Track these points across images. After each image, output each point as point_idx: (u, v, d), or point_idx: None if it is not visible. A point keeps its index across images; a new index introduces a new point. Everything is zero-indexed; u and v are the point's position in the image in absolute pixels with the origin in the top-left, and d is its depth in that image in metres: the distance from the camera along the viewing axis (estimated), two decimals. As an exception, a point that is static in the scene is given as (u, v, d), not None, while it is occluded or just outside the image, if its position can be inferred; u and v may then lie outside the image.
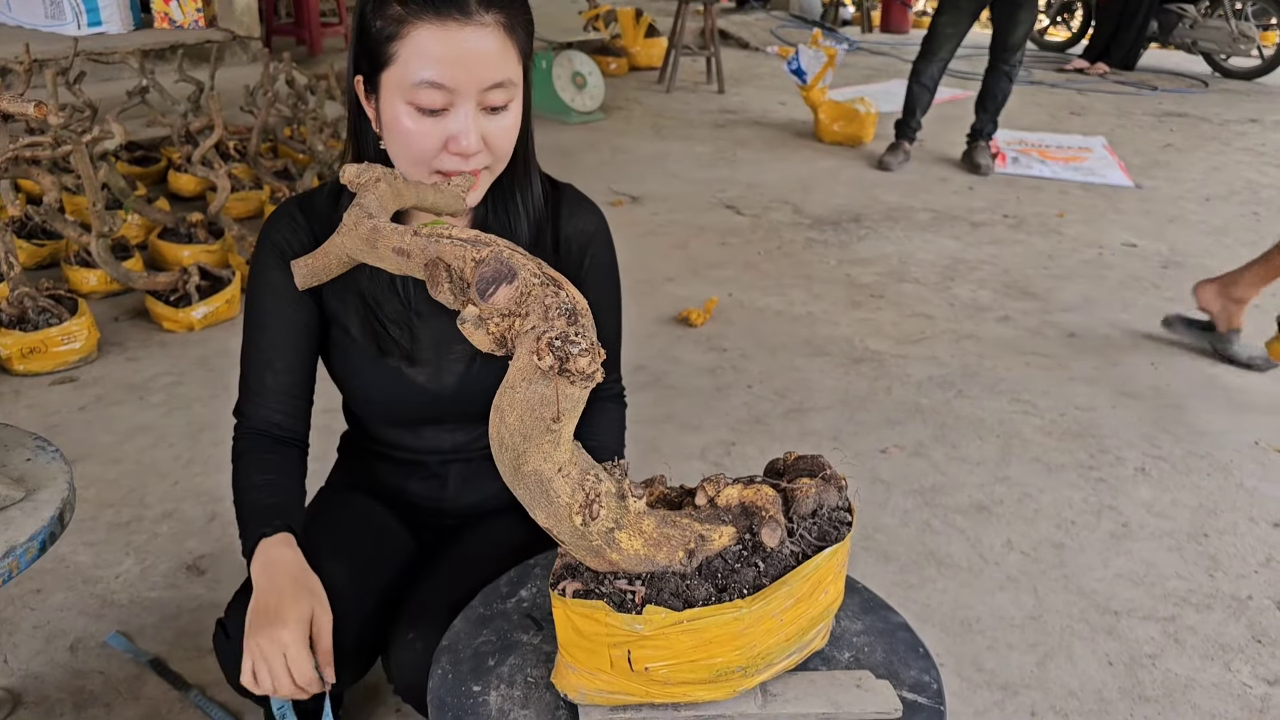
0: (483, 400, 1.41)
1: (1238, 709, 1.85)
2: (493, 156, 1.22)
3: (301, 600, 1.20)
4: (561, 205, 1.41)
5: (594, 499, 0.93)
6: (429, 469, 1.51)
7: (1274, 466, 2.65)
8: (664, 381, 3.02)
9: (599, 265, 1.44)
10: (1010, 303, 3.69)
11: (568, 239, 1.41)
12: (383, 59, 1.17)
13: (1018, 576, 2.20)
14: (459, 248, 0.93)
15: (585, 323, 0.86)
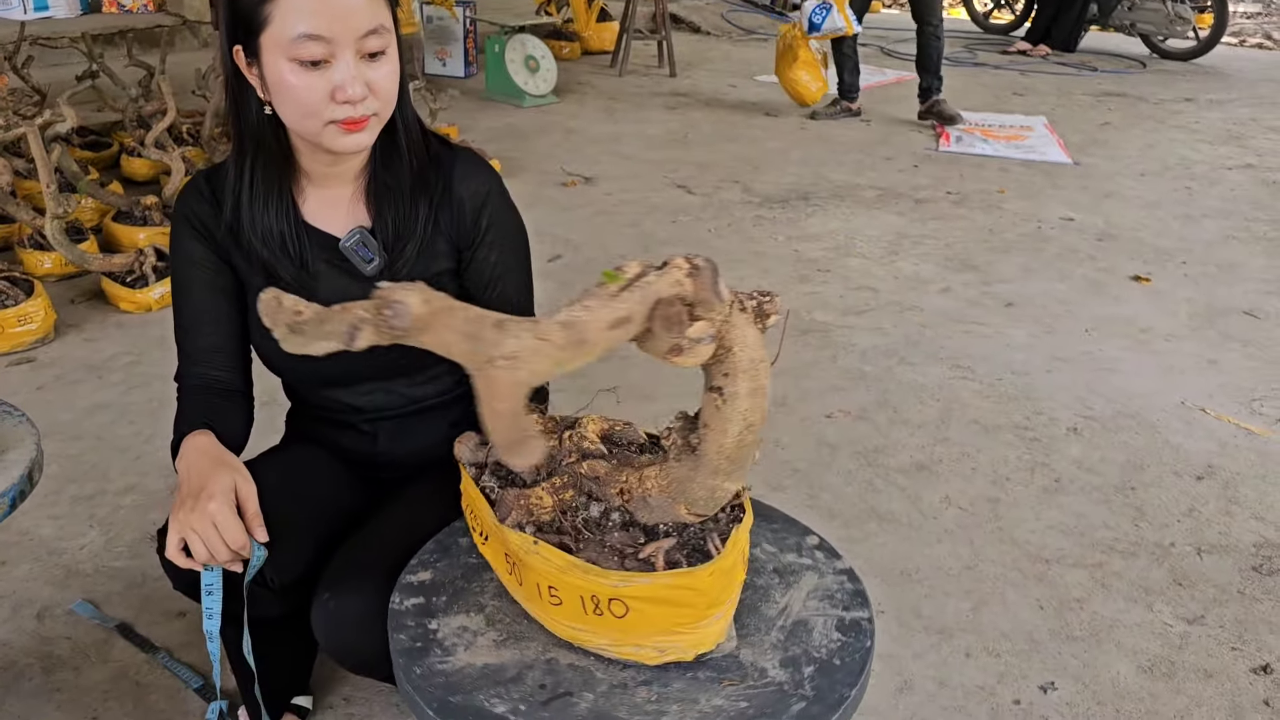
0: (390, 360, 1.48)
1: (1159, 645, 1.97)
2: (379, 101, 1.29)
3: (222, 474, 1.26)
4: (455, 167, 1.46)
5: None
6: (358, 428, 1.58)
7: (1199, 424, 2.78)
8: (618, 353, 3.08)
9: (497, 225, 1.48)
10: (951, 275, 3.81)
11: (460, 200, 1.45)
12: (258, 22, 1.24)
13: (955, 530, 2.31)
14: (665, 278, 0.96)
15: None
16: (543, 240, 4.04)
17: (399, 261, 1.45)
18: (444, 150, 1.49)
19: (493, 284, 1.53)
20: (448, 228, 1.48)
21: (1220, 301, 3.62)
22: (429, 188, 1.46)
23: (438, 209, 1.46)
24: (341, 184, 1.45)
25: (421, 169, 1.45)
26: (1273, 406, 2.90)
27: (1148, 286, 3.75)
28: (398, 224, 1.45)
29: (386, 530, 1.44)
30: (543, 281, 3.84)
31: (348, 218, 1.46)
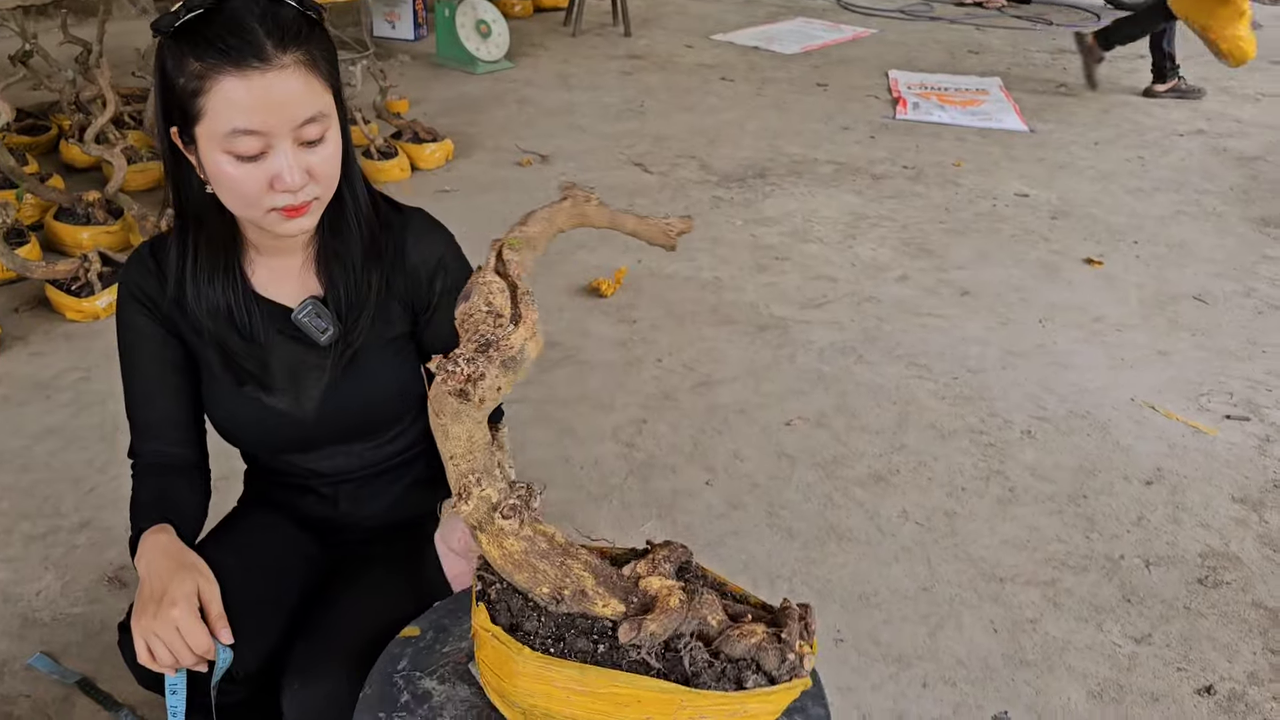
0: (349, 425, 1.48)
1: (1108, 668, 2.04)
2: (320, 186, 1.26)
3: (183, 577, 1.25)
4: (408, 233, 1.43)
5: (465, 494, 1.01)
6: (318, 492, 1.57)
7: (1148, 423, 2.84)
8: (577, 358, 3.08)
9: (453, 289, 1.45)
10: (908, 261, 3.83)
11: (414, 267, 1.43)
12: (192, 113, 1.20)
13: (912, 547, 2.35)
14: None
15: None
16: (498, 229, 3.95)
17: (354, 330, 1.43)
18: (394, 215, 1.47)
19: (450, 344, 1.51)
20: (402, 293, 1.46)
21: (1170, 286, 3.67)
22: (380, 254, 1.43)
23: (390, 275, 1.44)
24: (290, 254, 1.42)
25: (373, 236, 1.43)
26: (1219, 401, 2.97)
27: (1100, 270, 3.79)
28: (350, 292, 1.42)
29: (354, 610, 1.44)
30: (499, 270, 3.82)
31: (299, 287, 1.43)
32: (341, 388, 1.44)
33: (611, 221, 1.22)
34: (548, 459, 2.61)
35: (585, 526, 2.35)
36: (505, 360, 0.98)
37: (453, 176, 4.53)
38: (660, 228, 1.27)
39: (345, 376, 1.44)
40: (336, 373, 1.43)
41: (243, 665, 1.34)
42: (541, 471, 2.56)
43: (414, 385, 1.53)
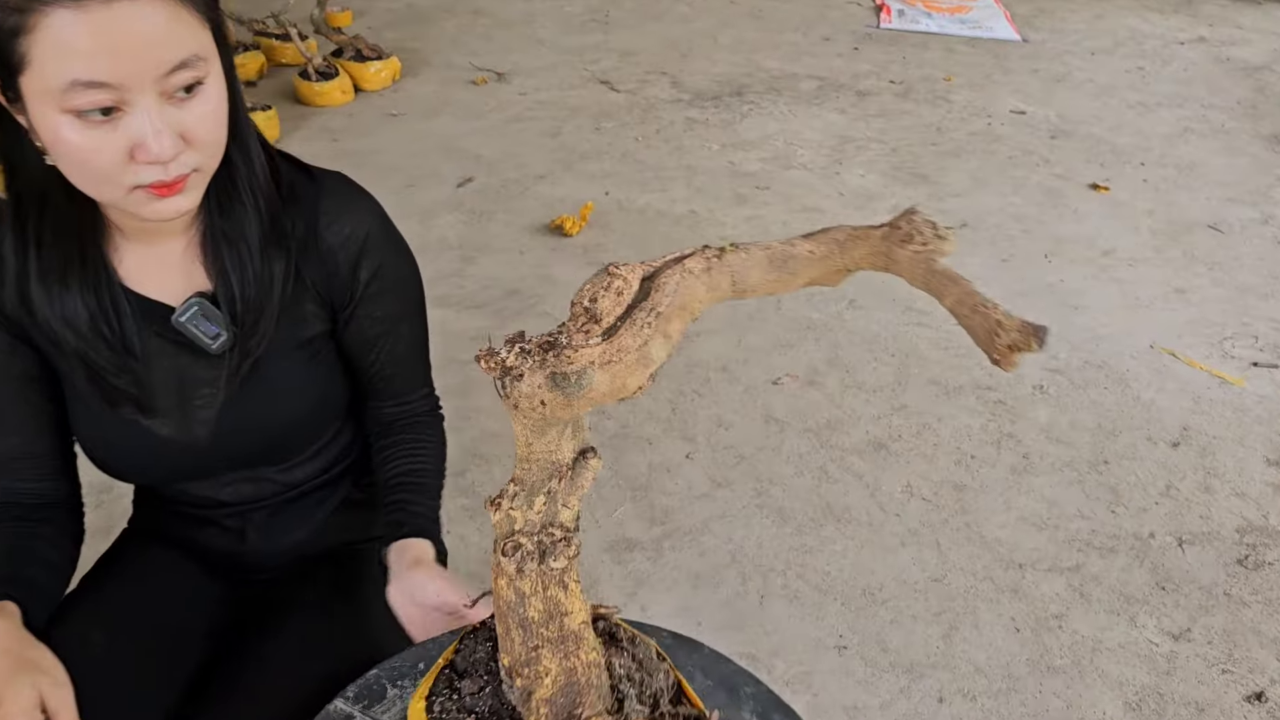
0: (253, 448, 1.18)
1: (1145, 672, 1.80)
2: (199, 153, 0.94)
3: (21, 683, 0.95)
4: (321, 206, 1.12)
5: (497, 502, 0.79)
6: (220, 524, 1.26)
7: (1169, 374, 2.58)
8: (539, 308, 2.76)
9: (382, 276, 1.17)
10: (900, 189, 3.50)
11: (330, 250, 1.12)
12: (14, 61, 0.85)
13: (919, 529, 2.09)
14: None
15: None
16: (450, 158, 3.61)
17: (253, 335, 1.10)
18: (304, 184, 1.13)
19: (379, 342, 1.21)
20: (316, 283, 1.14)
21: (1182, 213, 3.38)
22: (285, 237, 1.10)
23: (300, 262, 1.12)
24: (167, 238, 1.08)
25: (273, 213, 1.09)
26: (1244, 345, 2.71)
27: (1106, 196, 3.49)
28: (246, 287, 1.09)
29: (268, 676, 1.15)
30: (451, 212, 3.48)
31: (181, 281, 1.10)
32: (241, 405, 1.12)
33: (927, 284, 0.76)
34: (504, 429, 2.31)
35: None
36: (556, 374, 0.70)
37: (400, 98, 4.11)
38: (990, 325, 0.74)
39: (245, 391, 1.12)
40: (233, 388, 1.11)
41: None
42: (498, 447, 2.26)
43: (334, 394, 1.22)
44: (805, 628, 1.86)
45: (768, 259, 0.73)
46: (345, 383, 1.24)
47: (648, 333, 0.71)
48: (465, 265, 2.95)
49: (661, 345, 0.72)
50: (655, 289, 0.73)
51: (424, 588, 1.09)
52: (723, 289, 0.73)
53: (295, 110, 3.96)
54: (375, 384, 1.24)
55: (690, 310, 0.71)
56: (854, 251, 0.72)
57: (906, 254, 0.71)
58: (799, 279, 0.73)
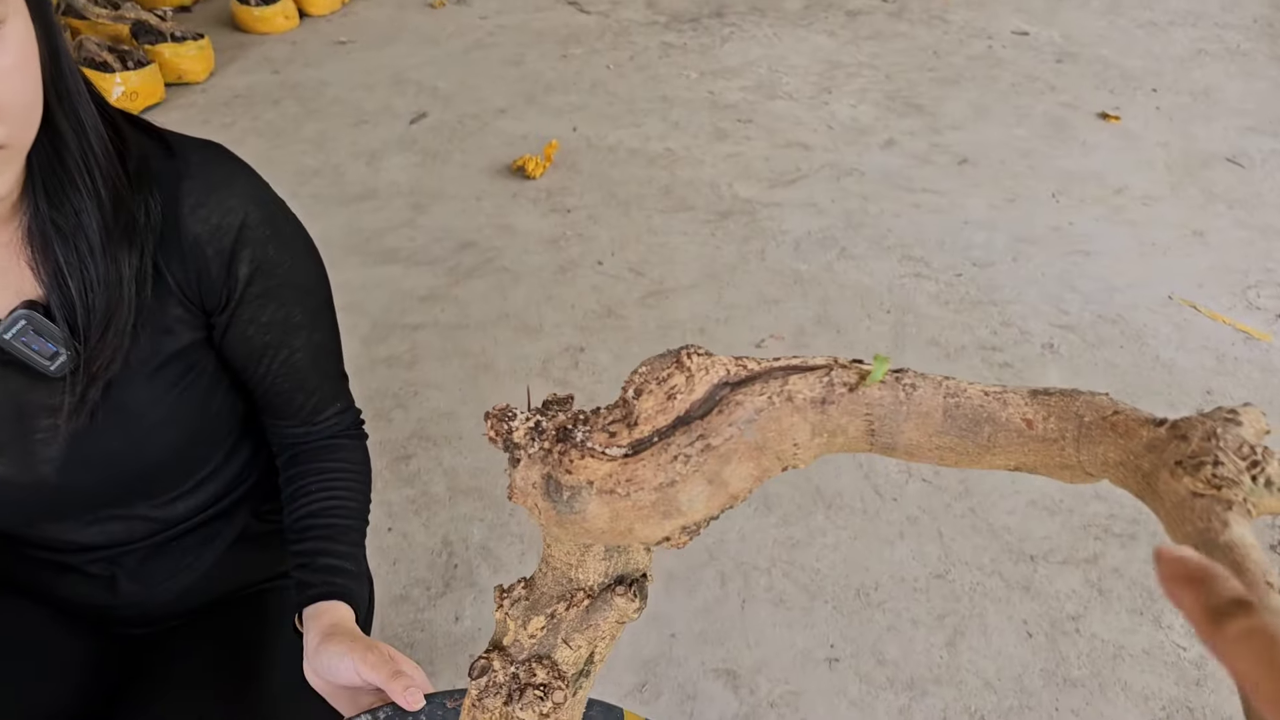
0: (116, 485, 0.95)
1: (1173, 683, 1.60)
2: (6, 123, 0.71)
3: None
4: (183, 188, 0.87)
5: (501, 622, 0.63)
6: (85, 571, 1.03)
7: (1191, 330, 2.35)
8: (497, 263, 2.50)
9: (267, 273, 0.93)
10: (894, 120, 3.22)
11: (196, 241, 0.88)
12: None
13: (919, 516, 1.87)
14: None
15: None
16: (404, 91, 3.30)
17: (100, 353, 0.85)
18: (160, 159, 0.87)
19: (269, 353, 0.97)
20: (182, 284, 0.89)
21: (1199, 145, 3.12)
22: (135, 227, 0.85)
23: (159, 258, 0.87)
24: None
25: (118, 198, 0.84)
26: (1270, 294, 2.47)
27: (1117, 126, 3.22)
28: (88, 293, 0.84)
29: None
30: (403, 153, 3.18)
31: (4, 288, 0.85)
32: (94, 438, 0.88)
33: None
34: (457, 405, 2.07)
35: (502, 500, 1.84)
36: (551, 479, 0.52)
37: (350, 24, 3.77)
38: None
39: (98, 421, 0.89)
40: (80, 417, 0.87)
41: None
42: (449, 428, 2.02)
43: (216, 416, 0.98)
44: (792, 636, 1.65)
45: (944, 410, 0.49)
46: (235, 398, 1.01)
47: (681, 469, 0.49)
48: (416, 214, 2.67)
49: (702, 494, 0.50)
50: (724, 407, 0.51)
51: (335, 667, 0.86)
52: (849, 436, 0.50)
53: (233, 39, 3.62)
54: (271, 401, 1.01)
55: (777, 454, 0.50)
56: (1099, 447, 0.46)
57: (1178, 489, 0.43)
58: (994, 457, 0.49)
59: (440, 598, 1.69)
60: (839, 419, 0.51)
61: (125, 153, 0.85)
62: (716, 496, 0.52)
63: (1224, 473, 0.42)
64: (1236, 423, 0.45)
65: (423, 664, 1.58)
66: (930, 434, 0.51)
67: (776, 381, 0.51)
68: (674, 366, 0.51)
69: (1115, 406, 0.49)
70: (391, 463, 1.93)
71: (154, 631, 1.09)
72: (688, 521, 0.53)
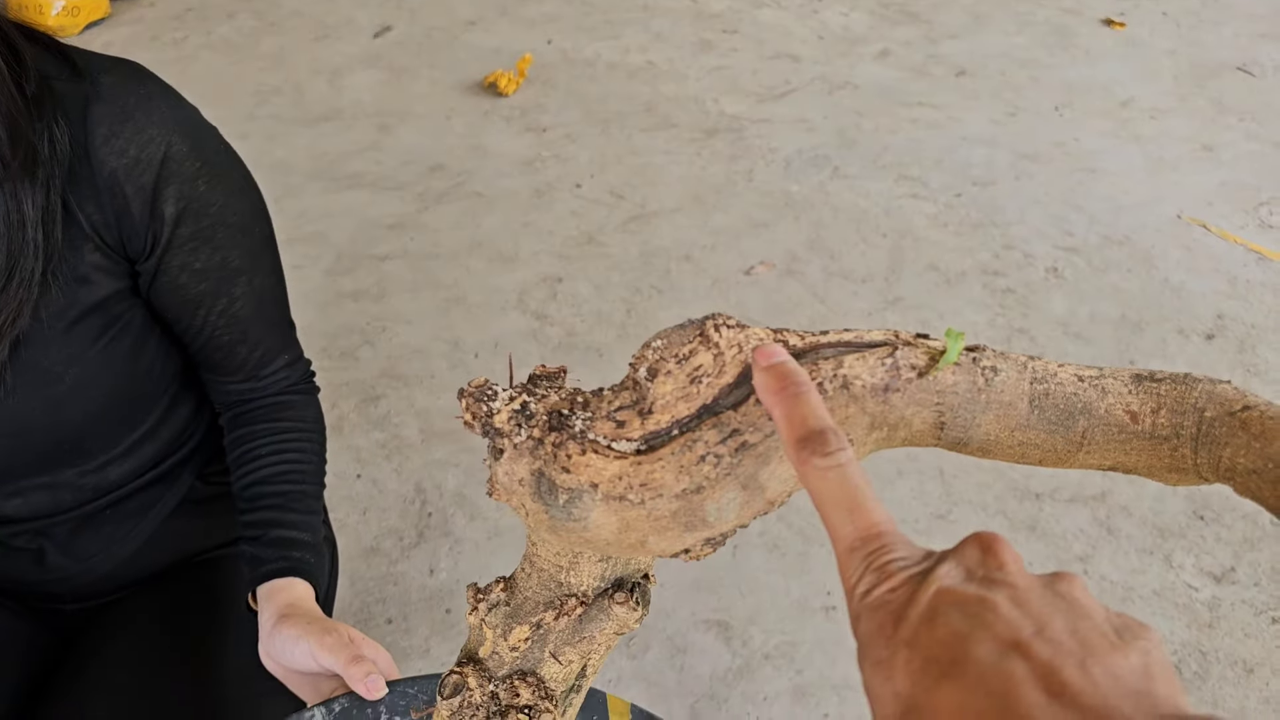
0: (34, 451, 0.85)
1: (1185, 625, 1.53)
2: None
3: None
4: (94, 113, 0.75)
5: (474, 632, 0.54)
6: (9, 544, 0.93)
7: (1201, 251, 2.24)
8: (468, 187, 2.35)
9: (197, 213, 0.81)
10: (888, 30, 3.05)
11: (113, 176, 0.76)
12: None
13: (918, 452, 1.77)
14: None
15: None
16: (367, 3, 3.11)
17: (4, 305, 0.75)
18: (67, 81, 0.75)
19: (205, 302, 0.86)
20: (98, 226, 0.78)
21: (1208, 53, 2.97)
22: (38, 160, 0.73)
23: (69, 196, 0.76)
24: None
25: (14, 128, 0.72)
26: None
27: (1122, 33, 3.07)
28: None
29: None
30: (366, 69, 2.99)
31: None
32: (3, 402, 0.78)
33: None
34: (429, 342, 1.95)
35: (479, 445, 1.73)
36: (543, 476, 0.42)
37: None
38: None
39: (6, 384, 0.78)
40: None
41: None
42: (420, 366, 1.89)
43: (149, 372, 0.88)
44: (787, 584, 1.57)
45: (1029, 399, 0.41)
46: (169, 352, 0.90)
47: (710, 472, 0.40)
48: (382, 135, 2.51)
49: (735, 501, 0.41)
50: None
51: (290, 652, 0.78)
52: (913, 430, 0.42)
53: (184, -54, 3.39)
54: (210, 355, 0.90)
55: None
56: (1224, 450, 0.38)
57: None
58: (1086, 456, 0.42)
59: (414, 549, 1.59)
60: (904, 410, 0.41)
61: (22, 73, 0.72)
62: (751, 504, 0.42)
63: None
64: None
65: (395, 620, 1.49)
66: (1012, 428, 0.41)
67: (829, 363, 0.41)
68: (698, 341, 0.40)
69: (1245, 400, 0.39)
70: (359, 404, 1.81)
71: (88, 608, 0.99)
72: (714, 533, 0.43)
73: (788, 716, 1.40)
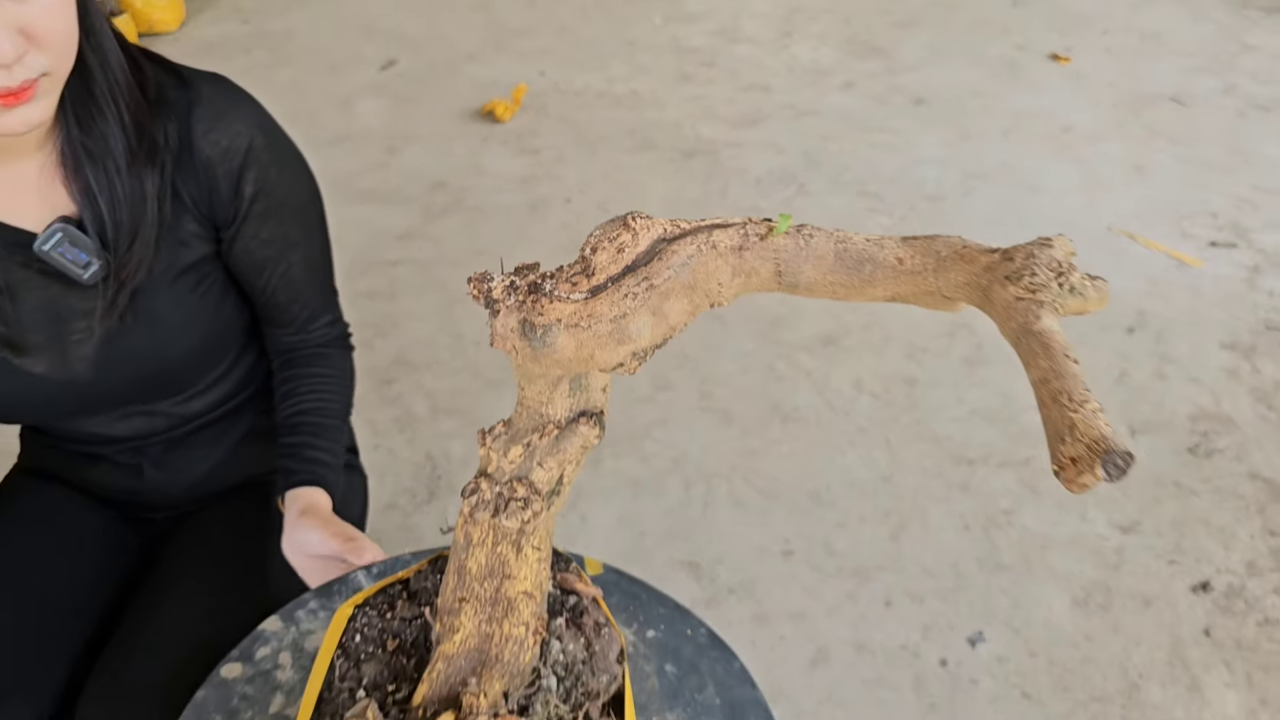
0: (141, 383, 1.07)
1: (1093, 567, 1.76)
2: (48, 54, 0.82)
3: None
4: (196, 114, 0.98)
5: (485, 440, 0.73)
6: (114, 460, 1.16)
7: (1127, 257, 2.50)
8: (468, 202, 2.60)
9: (268, 193, 1.04)
10: (854, 63, 3.33)
11: (208, 162, 0.99)
12: None
13: (868, 427, 2.01)
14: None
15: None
16: (372, 39, 3.38)
17: (127, 262, 0.97)
18: (174, 89, 0.98)
19: (269, 266, 1.09)
20: (196, 201, 1.01)
21: (1144, 84, 3.25)
22: (156, 150, 0.96)
23: (176, 178, 0.98)
24: (20, 158, 0.95)
25: (140, 124, 0.95)
26: (1203, 224, 2.62)
27: (1067, 68, 3.35)
28: (116, 209, 0.96)
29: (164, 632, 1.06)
30: (375, 98, 3.27)
31: (42, 205, 0.97)
32: (123, 339, 1.01)
33: (1017, 342, 0.53)
34: (434, 335, 2.19)
35: (481, 418, 1.97)
36: (526, 322, 0.61)
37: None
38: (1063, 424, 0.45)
39: (126, 324, 1.01)
40: (111, 320, 0.99)
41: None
42: (428, 354, 2.14)
43: (227, 322, 1.10)
44: (750, 533, 1.80)
45: (835, 254, 0.59)
46: (242, 307, 1.13)
47: (630, 304, 0.60)
48: (390, 156, 2.77)
49: (648, 323, 0.60)
50: (662, 255, 0.61)
51: (307, 539, 1.01)
52: (761, 276, 0.61)
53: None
54: (270, 311, 1.13)
55: (705, 292, 0.61)
56: (952, 273, 0.57)
57: (1004, 296, 0.55)
58: (874, 289, 0.60)
59: (426, 504, 1.82)
60: (753, 262, 0.64)
61: (144, 83, 0.96)
62: (659, 326, 0.65)
63: (1038, 281, 0.56)
64: (1050, 247, 0.59)
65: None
66: (825, 273, 0.64)
67: (703, 235, 0.64)
68: (622, 228, 0.63)
69: (964, 243, 0.62)
70: (375, 386, 2.05)
71: (172, 516, 1.21)
72: (637, 348, 0.66)
73: (749, 638, 1.62)
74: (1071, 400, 0.49)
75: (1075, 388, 0.51)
